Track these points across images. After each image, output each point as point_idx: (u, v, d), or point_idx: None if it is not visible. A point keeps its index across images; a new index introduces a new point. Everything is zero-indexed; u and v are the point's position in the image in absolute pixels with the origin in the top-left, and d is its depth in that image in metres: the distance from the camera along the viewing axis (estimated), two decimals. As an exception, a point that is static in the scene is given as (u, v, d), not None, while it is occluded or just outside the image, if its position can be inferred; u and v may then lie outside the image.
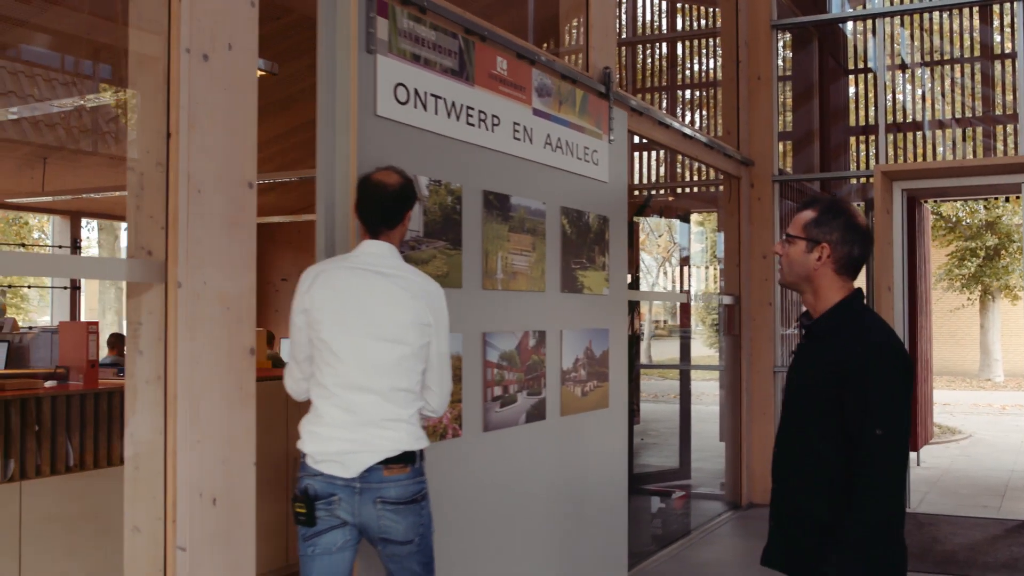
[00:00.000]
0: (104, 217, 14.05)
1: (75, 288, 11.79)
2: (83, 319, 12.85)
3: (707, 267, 19.03)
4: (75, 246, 11.90)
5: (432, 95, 4.01)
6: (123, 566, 2.94)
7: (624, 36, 12.43)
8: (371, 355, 2.97)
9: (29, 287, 22.55)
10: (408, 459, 3.00)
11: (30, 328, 8.17)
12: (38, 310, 24.46)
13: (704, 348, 24.13)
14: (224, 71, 3.00)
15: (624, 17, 12.57)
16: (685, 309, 12.46)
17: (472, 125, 4.27)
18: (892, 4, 10.99)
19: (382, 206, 3.09)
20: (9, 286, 21.29)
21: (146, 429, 2.89)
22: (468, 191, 4.22)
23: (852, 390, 2.48)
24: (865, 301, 2.68)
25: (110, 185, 10.52)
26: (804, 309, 2.72)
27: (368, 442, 2.95)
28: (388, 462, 2.96)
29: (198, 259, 2.89)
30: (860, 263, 2.65)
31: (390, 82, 3.76)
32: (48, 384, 4.81)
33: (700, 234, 20.08)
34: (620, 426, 5.51)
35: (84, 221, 12.35)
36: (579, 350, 5.06)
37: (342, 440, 2.95)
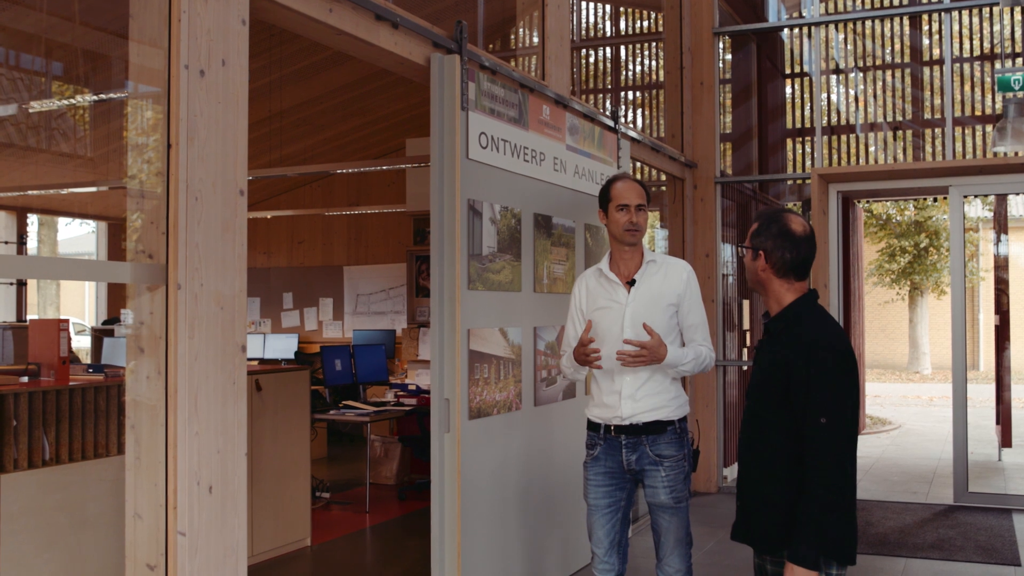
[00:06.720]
0: (49, 213, 13.95)
1: (21, 284, 11.71)
2: (28, 315, 12.74)
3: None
4: (21, 242, 11.81)
5: (502, 139, 5.04)
6: (123, 551, 3.12)
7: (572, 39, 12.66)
8: None
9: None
10: None
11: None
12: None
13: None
14: (219, 86, 3.18)
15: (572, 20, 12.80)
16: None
17: (527, 161, 5.32)
18: (828, 13, 11.41)
19: None
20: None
21: (148, 422, 3.07)
22: (524, 214, 5.27)
23: (796, 388, 2.73)
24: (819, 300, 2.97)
25: (57, 182, 10.50)
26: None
27: None
28: None
29: (196, 262, 3.08)
30: (800, 265, 2.90)
31: (476, 131, 4.79)
32: (22, 380, 4.92)
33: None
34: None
35: (29, 217, 12.25)
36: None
37: None
